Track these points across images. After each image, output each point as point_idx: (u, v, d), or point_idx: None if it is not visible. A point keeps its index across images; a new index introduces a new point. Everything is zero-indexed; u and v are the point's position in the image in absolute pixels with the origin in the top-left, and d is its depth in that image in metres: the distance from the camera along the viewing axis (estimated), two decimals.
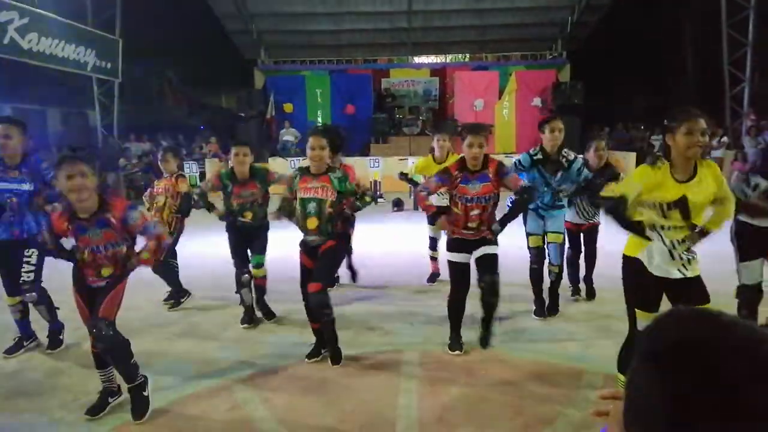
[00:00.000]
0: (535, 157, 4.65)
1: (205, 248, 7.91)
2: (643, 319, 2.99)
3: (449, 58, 19.40)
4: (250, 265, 4.84)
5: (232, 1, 16.37)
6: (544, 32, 18.32)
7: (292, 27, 17.90)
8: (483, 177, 3.89)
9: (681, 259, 2.93)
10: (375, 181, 12.59)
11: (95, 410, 3.31)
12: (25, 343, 4.36)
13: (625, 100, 22.69)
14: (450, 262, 4.07)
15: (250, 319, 4.79)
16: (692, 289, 2.92)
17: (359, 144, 15.73)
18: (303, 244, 3.96)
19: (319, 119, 16.97)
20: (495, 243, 4.00)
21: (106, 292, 3.27)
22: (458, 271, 4.03)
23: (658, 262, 2.94)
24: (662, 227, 2.93)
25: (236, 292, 4.85)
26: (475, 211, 3.92)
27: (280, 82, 17.25)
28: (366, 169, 12.62)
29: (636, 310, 3.03)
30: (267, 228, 4.87)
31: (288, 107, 16.88)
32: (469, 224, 3.95)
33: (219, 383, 3.68)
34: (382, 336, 4.50)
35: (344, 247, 4.72)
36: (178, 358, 4.10)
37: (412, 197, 11.64)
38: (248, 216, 4.72)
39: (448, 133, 5.88)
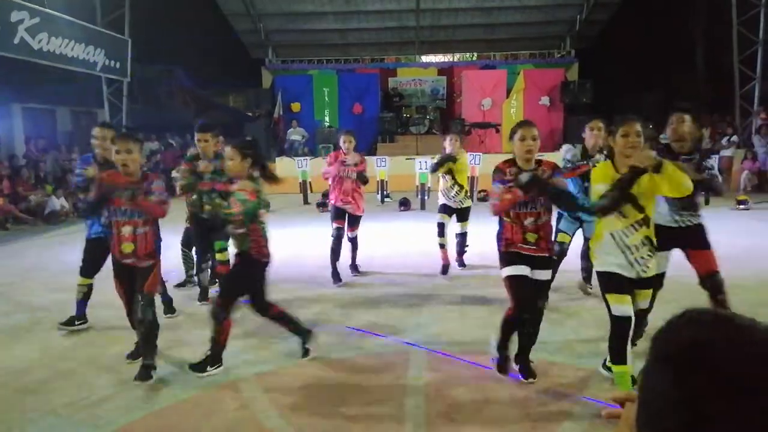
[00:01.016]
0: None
1: None
2: (616, 303, 3.24)
3: (457, 57, 19.37)
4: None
5: (240, 0, 16.41)
6: (553, 31, 18.25)
7: (299, 26, 17.92)
8: None
9: (639, 264, 3.21)
10: (382, 181, 12.57)
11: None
12: (77, 323, 4.70)
13: (634, 99, 22.50)
14: (509, 278, 3.52)
15: (205, 298, 5.33)
16: (654, 279, 3.44)
17: (366, 143, 15.73)
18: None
19: (327, 118, 16.99)
20: (550, 266, 3.61)
21: (150, 270, 3.77)
22: (520, 285, 3.47)
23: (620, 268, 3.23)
24: (622, 234, 3.18)
25: (195, 275, 5.51)
26: (529, 220, 3.46)
27: (288, 81, 17.28)
28: (373, 168, 12.60)
29: (607, 294, 3.27)
30: None
31: (295, 106, 16.90)
32: (527, 236, 3.48)
33: (226, 382, 3.68)
34: (389, 334, 4.48)
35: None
36: (185, 356, 4.10)
37: (418, 197, 11.63)
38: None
39: (456, 133, 6.15)
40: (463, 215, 6.22)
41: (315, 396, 3.49)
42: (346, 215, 5.97)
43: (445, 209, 6.18)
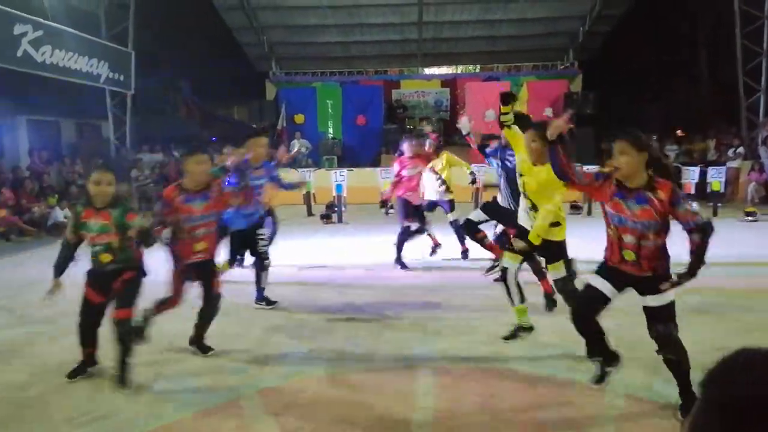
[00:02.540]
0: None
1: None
2: (509, 259, 4.27)
3: (460, 69, 19.40)
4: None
5: (244, 13, 16.50)
6: (556, 42, 18.27)
7: (303, 39, 17.99)
8: (641, 198, 3.06)
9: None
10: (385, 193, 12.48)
11: None
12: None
13: (639, 111, 22.49)
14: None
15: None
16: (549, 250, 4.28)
17: (370, 155, 15.70)
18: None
19: (330, 130, 16.98)
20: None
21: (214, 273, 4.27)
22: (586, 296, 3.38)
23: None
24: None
25: None
26: (629, 238, 3.15)
27: (292, 93, 17.31)
28: (377, 179, 12.55)
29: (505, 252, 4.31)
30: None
31: (299, 118, 16.92)
32: (624, 254, 3.18)
33: (227, 399, 3.59)
34: (395, 350, 4.39)
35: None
36: (187, 372, 4.02)
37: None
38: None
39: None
40: (451, 206, 7.12)
41: (318, 415, 3.39)
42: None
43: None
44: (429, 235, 7.30)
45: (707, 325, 4.79)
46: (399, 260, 6.96)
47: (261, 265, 5.40)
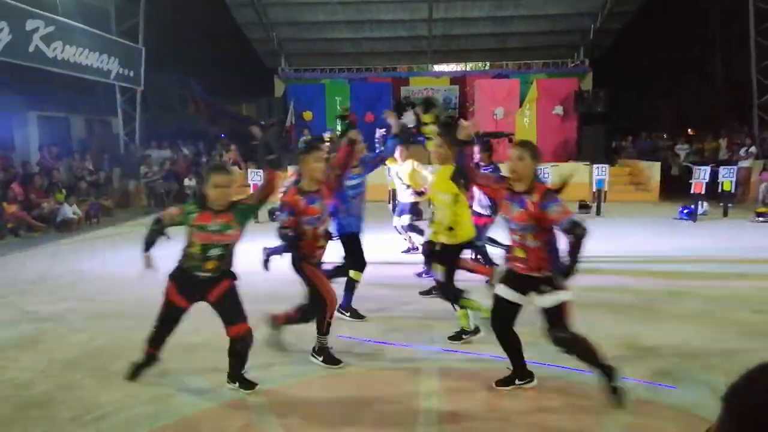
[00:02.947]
0: None
1: None
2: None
3: (469, 66, 19.32)
4: None
5: (253, 9, 16.49)
6: (566, 40, 18.14)
7: (312, 35, 17.97)
8: (522, 201, 3.28)
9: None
10: (393, 190, 12.46)
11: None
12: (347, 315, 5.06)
13: (649, 109, 22.34)
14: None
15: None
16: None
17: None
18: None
19: (339, 127, 16.94)
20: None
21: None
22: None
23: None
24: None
25: None
26: (515, 237, 3.39)
27: (300, 90, 17.31)
28: (384, 177, 12.51)
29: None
30: None
31: (307, 115, 16.91)
32: (516, 251, 3.39)
33: (232, 398, 3.58)
34: (400, 351, 4.37)
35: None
36: (193, 371, 4.02)
37: (430, 206, 11.48)
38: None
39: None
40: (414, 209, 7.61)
41: (324, 414, 3.38)
42: None
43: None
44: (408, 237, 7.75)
45: (707, 325, 4.74)
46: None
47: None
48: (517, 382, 3.62)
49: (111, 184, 14.49)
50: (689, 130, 19.56)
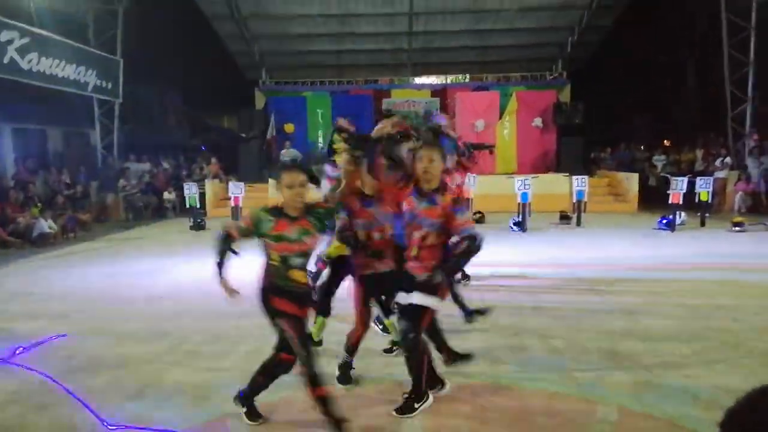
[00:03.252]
0: None
1: (201, 272, 7.76)
2: None
3: (450, 78, 19.44)
4: None
5: (234, 22, 16.44)
6: (545, 53, 18.37)
7: (293, 48, 17.95)
8: (432, 199, 3.40)
9: None
10: None
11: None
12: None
13: (627, 121, 22.71)
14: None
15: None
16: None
17: None
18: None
19: (320, 139, 16.92)
20: None
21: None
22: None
23: None
24: None
25: None
26: (416, 234, 3.54)
27: (281, 102, 17.26)
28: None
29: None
30: None
31: (289, 127, 16.85)
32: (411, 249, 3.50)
33: (213, 417, 3.50)
34: (384, 366, 4.32)
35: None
36: (174, 389, 3.92)
37: None
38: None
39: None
40: None
41: (309, 431, 3.32)
42: None
43: None
44: None
45: (687, 335, 4.77)
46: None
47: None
48: (416, 405, 3.50)
49: (88, 198, 14.25)
50: (666, 141, 19.90)
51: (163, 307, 6.05)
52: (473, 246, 3.25)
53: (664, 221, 11.00)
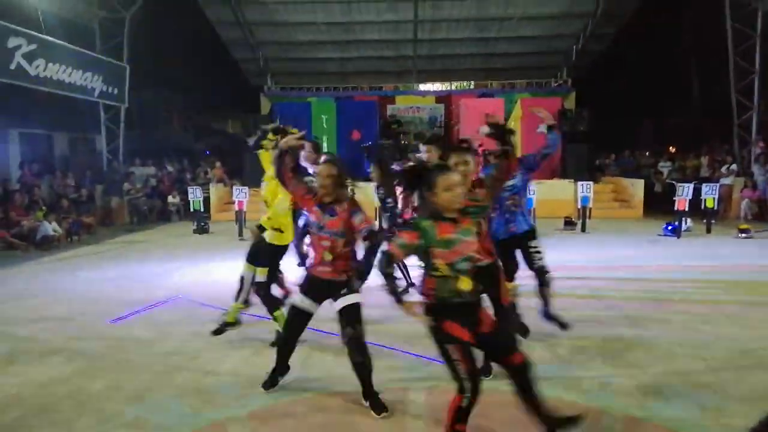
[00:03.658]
0: None
1: (204, 276, 7.76)
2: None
3: (454, 85, 19.47)
4: None
5: (239, 29, 16.52)
6: (549, 60, 18.38)
7: (298, 55, 18.02)
8: (332, 211, 3.60)
9: None
10: (379, 208, 12.43)
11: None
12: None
13: (631, 128, 22.66)
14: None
15: None
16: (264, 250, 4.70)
17: (365, 170, 15.64)
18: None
19: (325, 145, 16.93)
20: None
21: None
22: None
23: None
24: None
25: None
26: (326, 243, 3.64)
27: (286, 108, 17.29)
28: (371, 195, 12.49)
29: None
30: None
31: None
32: (323, 255, 3.64)
33: (215, 422, 3.47)
34: (386, 372, 4.28)
35: None
36: (173, 393, 3.90)
37: None
38: None
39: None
40: None
41: None
42: None
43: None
44: None
45: (694, 342, 4.72)
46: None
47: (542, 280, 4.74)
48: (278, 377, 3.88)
49: (93, 202, 14.30)
50: (671, 148, 19.84)
51: (165, 311, 6.04)
52: (375, 240, 3.52)
53: (670, 228, 10.94)
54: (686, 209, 10.89)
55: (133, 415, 3.56)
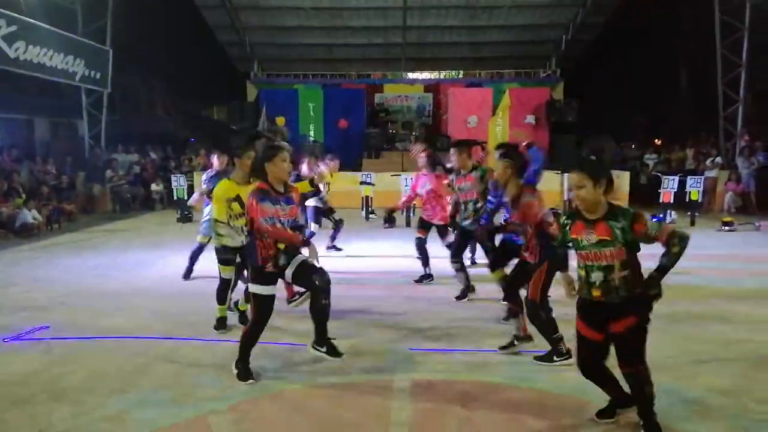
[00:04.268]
0: None
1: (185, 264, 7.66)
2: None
3: (443, 74, 19.38)
4: None
5: (226, 13, 16.25)
6: (539, 50, 18.35)
7: (285, 40, 17.79)
8: (289, 199, 3.85)
9: None
10: (367, 197, 12.38)
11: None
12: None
13: (619, 119, 22.74)
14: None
15: None
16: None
17: (351, 159, 15.54)
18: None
19: (312, 133, 16.81)
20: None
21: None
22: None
23: None
24: None
25: None
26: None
27: (273, 95, 17.09)
28: (358, 184, 12.43)
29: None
30: None
31: (280, 121, 16.69)
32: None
33: (196, 414, 3.40)
34: (372, 361, 4.24)
35: None
36: (156, 385, 3.82)
37: (403, 213, 11.36)
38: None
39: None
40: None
41: (293, 430, 3.23)
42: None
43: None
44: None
45: (678, 336, 4.74)
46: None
47: None
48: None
49: (74, 189, 14.04)
50: (657, 140, 19.95)
51: (147, 301, 5.94)
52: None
53: (654, 220, 11.00)
54: (671, 201, 10.95)
55: (116, 406, 3.48)
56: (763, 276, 7.03)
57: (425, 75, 19.44)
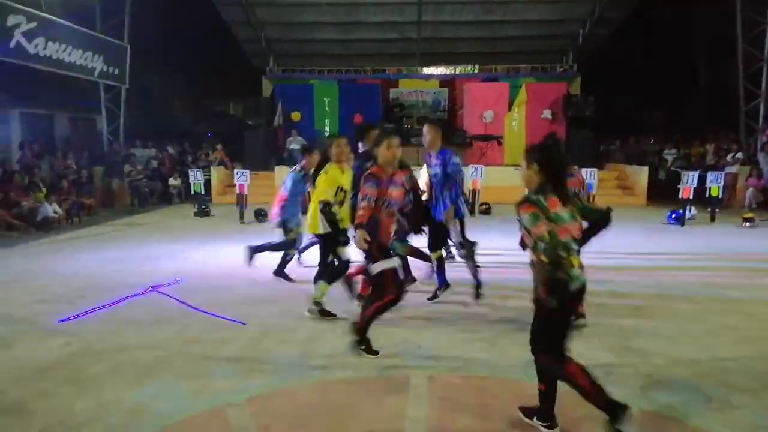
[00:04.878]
0: None
1: (204, 259, 7.73)
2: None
3: (458, 69, 19.26)
4: None
5: (241, 9, 16.32)
6: (555, 45, 18.17)
7: (301, 36, 17.83)
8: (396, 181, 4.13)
9: None
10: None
11: None
12: (438, 292, 5.60)
13: (637, 114, 22.45)
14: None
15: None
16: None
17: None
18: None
19: (327, 128, 16.84)
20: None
21: None
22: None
23: None
24: None
25: None
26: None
27: (289, 90, 17.16)
28: None
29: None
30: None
31: (295, 116, 16.77)
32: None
33: (213, 407, 3.44)
34: (388, 357, 4.25)
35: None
36: (172, 378, 3.87)
37: None
38: None
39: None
40: None
41: (309, 424, 3.26)
42: None
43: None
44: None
45: (698, 331, 4.68)
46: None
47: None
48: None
49: (93, 183, 14.24)
50: (677, 135, 19.68)
51: (165, 294, 6.01)
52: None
53: (674, 216, 10.88)
54: (690, 197, 10.81)
55: (134, 398, 3.53)
56: None
57: (441, 70, 19.34)
